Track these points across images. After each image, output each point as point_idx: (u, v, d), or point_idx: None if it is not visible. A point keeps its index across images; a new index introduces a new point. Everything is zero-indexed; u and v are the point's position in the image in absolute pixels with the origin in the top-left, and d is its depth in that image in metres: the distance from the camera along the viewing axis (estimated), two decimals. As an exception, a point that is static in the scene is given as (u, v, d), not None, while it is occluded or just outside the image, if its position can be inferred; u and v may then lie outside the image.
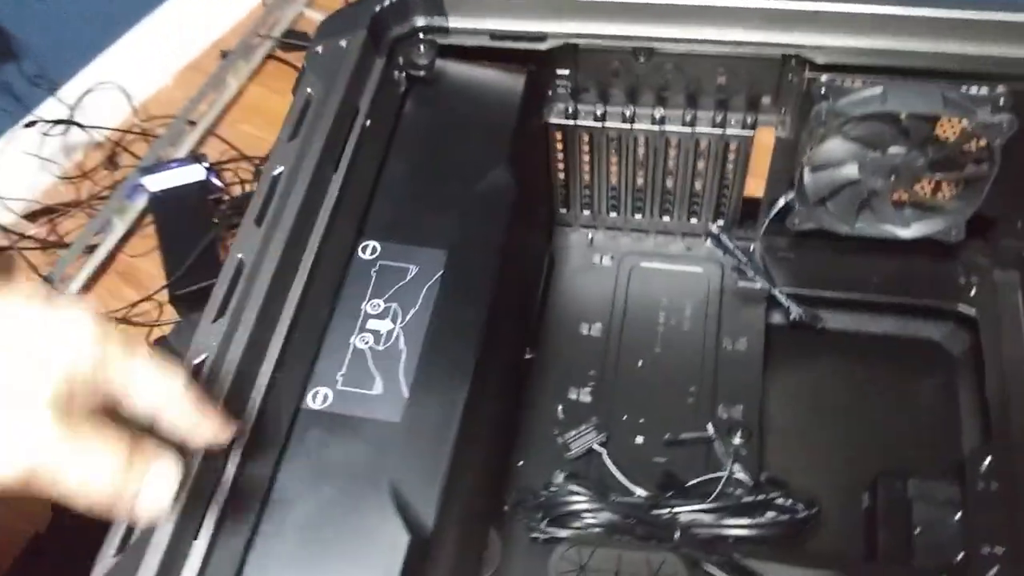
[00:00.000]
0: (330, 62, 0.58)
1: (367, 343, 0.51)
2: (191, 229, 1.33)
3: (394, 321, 0.52)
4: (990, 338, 0.69)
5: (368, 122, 0.57)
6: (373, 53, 0.59)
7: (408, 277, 0.53)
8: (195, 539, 0.43)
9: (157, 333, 1.27)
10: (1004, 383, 0.67)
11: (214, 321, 0.49)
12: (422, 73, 0.60)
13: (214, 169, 1.40)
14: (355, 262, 0.54)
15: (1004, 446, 0.64)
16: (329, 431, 0.48)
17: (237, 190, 1.42)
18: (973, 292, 0.71)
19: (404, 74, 0.61)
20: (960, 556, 0.61)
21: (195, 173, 1.37)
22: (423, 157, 0.58)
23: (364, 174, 0.56)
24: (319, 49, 0.59)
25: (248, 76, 1.59)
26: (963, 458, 0.66)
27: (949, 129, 0.62)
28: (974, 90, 0.59)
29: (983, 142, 0.60)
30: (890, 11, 0.58)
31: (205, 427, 0.39)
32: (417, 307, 0.52)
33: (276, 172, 0.54)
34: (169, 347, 1.09)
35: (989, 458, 0.64)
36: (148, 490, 0.35)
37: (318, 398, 0.49)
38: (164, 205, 1.37)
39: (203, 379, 0.48)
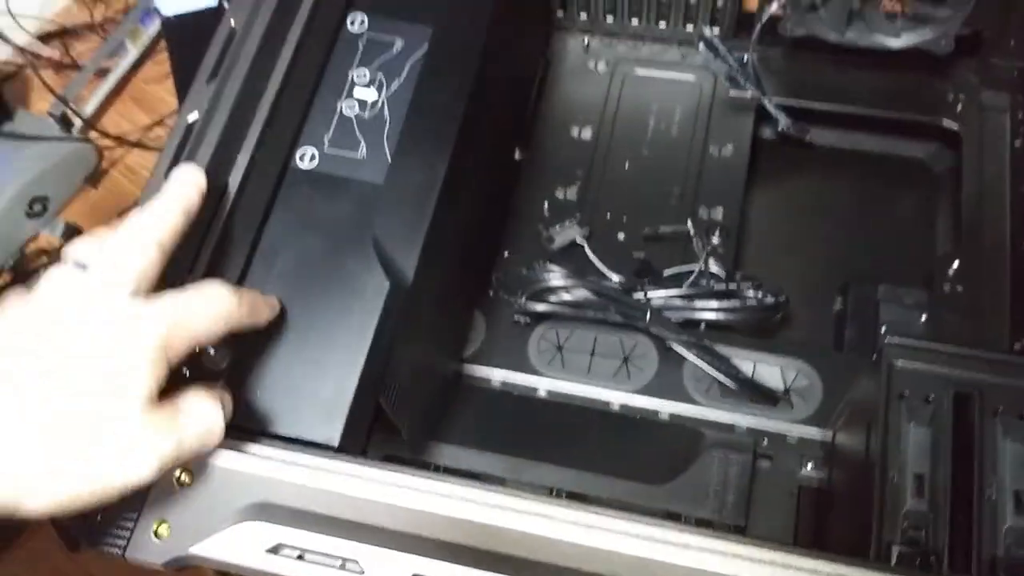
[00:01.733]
0: None
1: (353, 109, 0.53)
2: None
3: (379, 91, 0.54)
4: (971, 153, 0.70)
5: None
6: None
7: (395, 50, 0.55)
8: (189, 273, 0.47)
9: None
10: (980, 195, 0.69)
11: (207, 83, 0.51)
12: None
13: (229, -5, 1.40)
14: (343, 32, 0.55)
15: (972, 250, 0.66)
16: (315, 189, 0.51)
17: (250, 17, 1.42)
18: (960, 109, 0.72)
19: None
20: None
21: (210, -1, 1.36)
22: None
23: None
24: None
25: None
26: (933, 266, 0.68)
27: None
28: None
29: (977, -56, 0.60)
30: None
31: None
32: (402, 79, 0.54)
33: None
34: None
35: (956, 262, 0.66)
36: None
37: (305, 158, 0.52)
38: (178, 30, 1.36)
39: (194, 137, 0.51)
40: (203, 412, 0.41)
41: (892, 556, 0.43)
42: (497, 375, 0.64)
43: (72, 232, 1.27)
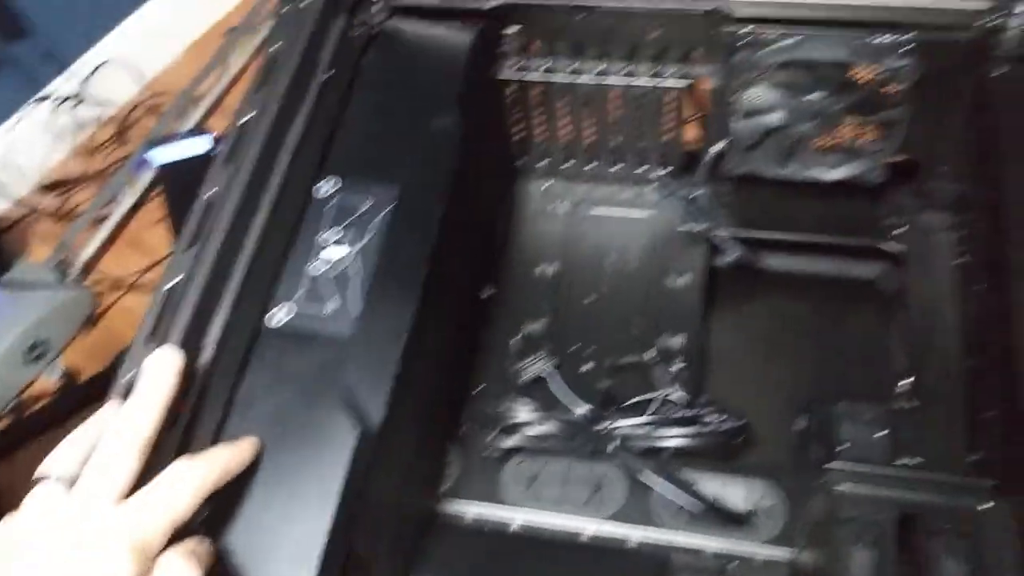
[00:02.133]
0: (293, 23, 0.64)
1: (323, 268, 0.57)
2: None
3: (349, 248, 0.58)
4: (916, 275, 0.74)
5: (328, 74, 0.63)
6: (332, 14, 0.65)
7: (363, 209, 0.59)
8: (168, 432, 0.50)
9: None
10: (926, 315, 0.72)
11: (184, 251, 0.56)
12: (377, 30, 0.66)
13: (220, 142, 1.47)
14: (315, 196, 0.60)
15: (924, 368, 0.69)
16: (286, 345, 0.55)
17: (240, 161, 1.49)
18: (901, 233, 0.76)
19: (361, 32, 0.67)
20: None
21: (201, 145, 1.43)
22: (378, 104, 0.64)
23: (324, 119, 0.62)
24: (284, 10, 0.65)
25: (252, 52, 1.66)
26: (890, 383, 0.71)
27: (864, 75, 0.67)
28: (883, 38, 0.64)
29: (895, 87, 0.65)
30: (803, -34, 0.63)
31: None
32: (370, 236, 0.58)
33: (244, 119, 0.60)
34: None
35: (908, 380, 0.69)
36: None
37: (277, 318, 0.56)
38: (171, 177, 1.43)
39: (174, 302, 0.54)
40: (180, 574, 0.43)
41: None
42: (472, 510, 0.66)
43: (68, 380, 1.30)
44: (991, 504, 0.49)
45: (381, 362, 0.54)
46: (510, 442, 0.65)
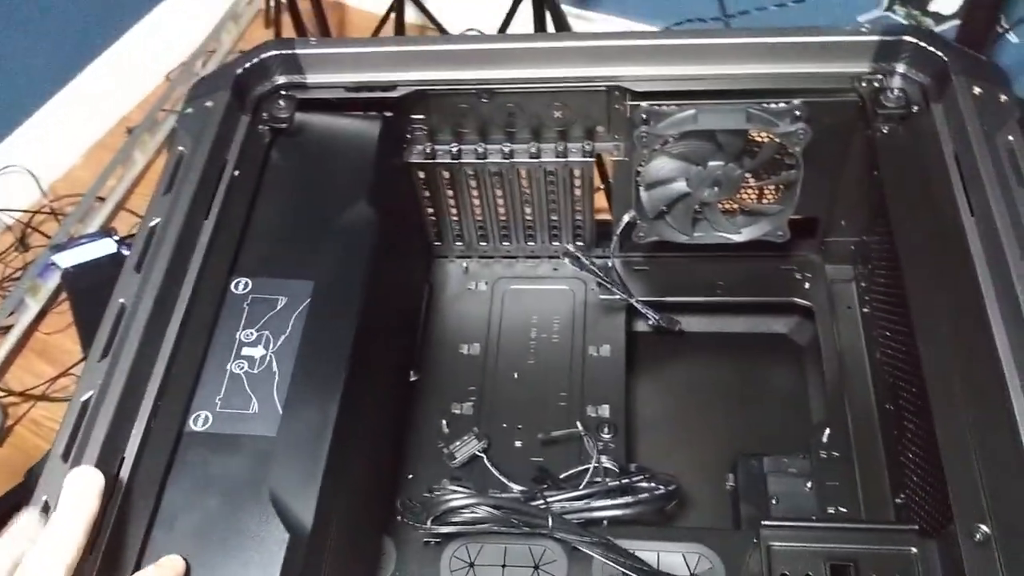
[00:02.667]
0: (198, 121, 0.64)
1: (242, 368, 0.56)
2: (105, 302, 1.35)
3: (266, 347, 0.57)
4: (825, 327, 0.77)
5: (236, 172, 0.63)
6: (238, 111, 0.66)
7: (278, 307, 0.59)
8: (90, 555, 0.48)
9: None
10: (838, 365, 0.75)
11: (99, 360, 0.54)
12: (284, 125, 0.66)
13: (125, 242, 1.44)
14: (228, 297, 0.59)
15: (840, 417, 0.71)
16: (210, 449, 0.53)
17: (149, 260, 1.46)
18: (808, 287, 0.79)
19: (268, 127, 0.67)
20: (812, 518, 0.68)
21: (106, 247, 1.39)
22: (288, 199, 0.64)
23: (234, 218, 0.62)
24: (188, 110, 0.65)
25: (155, 150, 1.64)
26: (812, 434, 0.73)
27: (760, 140, 0.70)
28: (775, 105, 0.67)
29: (789, 150, 0.68)
30: (692, 42, 0.67)
31: None
32: (288, 333, 0.58)
33: (152, 223, 0.60)
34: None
35: (828, 431, 0.71)
36: None
37: (199, 421, 0.54)
38: (77, 280, 1.39)
39: (89, 414, 0.53)
40: None
41: None
42: (413, 603, 0.64)
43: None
44: (917, 547, 0.50)
45: (308, 461, 0.53)
46: (445, 529, 0.64)
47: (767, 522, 0.52)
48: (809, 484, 0.70)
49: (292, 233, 0.62)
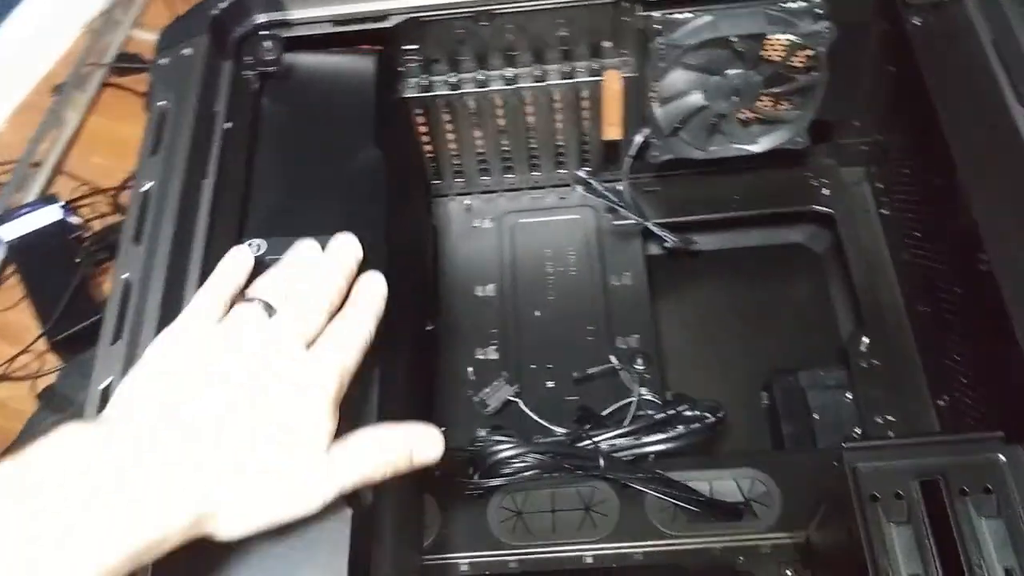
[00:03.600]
0: (177, 72, 0.58)
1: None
2: (57, 272, 1.28)
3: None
4: (847, 231, 0.75)
5: (228, 124, 0.57)
6: (219, 56, 0.59)
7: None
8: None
9: (43, 383, 1.22)
10: (866, 269, 0.73)
11: (112, 344, 0.49)
12: (272, 69, 0.60)
13: (70, 207, 1.35)
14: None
15: (876, 324, 0.70)
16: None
17: (97, 224, 1.37)
18: (826, 192, 0.77)
19: (255, 72, 0.61)
20: (857, 430, 0.67)
21: (50, 215, 1.31)
22: (290, 149, 0.59)
23: (235, 175, 0.56)
24: (164, 61, 0.59)
25: (86, 107, 1.53)
26: (844, 344, 0.71)
27: (779, 45, 0.66)
28: (793, 4, 0.63)
29: (810, 52, 0.65)
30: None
31: None
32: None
33: (145, 188, 0.54)
34: (60, 393, 1.06)
35: (865, 339, 0.69)
36: None
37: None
38: (24, 253, 1.31)
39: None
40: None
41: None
42: (463, 561, 0.61)
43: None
44: (1006, 453, 0.49)
45: (360, 417, 0.49)
46: (495, 482, 0.61)
47: (848, 444, 0.50)
48: (849, 395, 0.68)
49: (300, 185, 0.57)
